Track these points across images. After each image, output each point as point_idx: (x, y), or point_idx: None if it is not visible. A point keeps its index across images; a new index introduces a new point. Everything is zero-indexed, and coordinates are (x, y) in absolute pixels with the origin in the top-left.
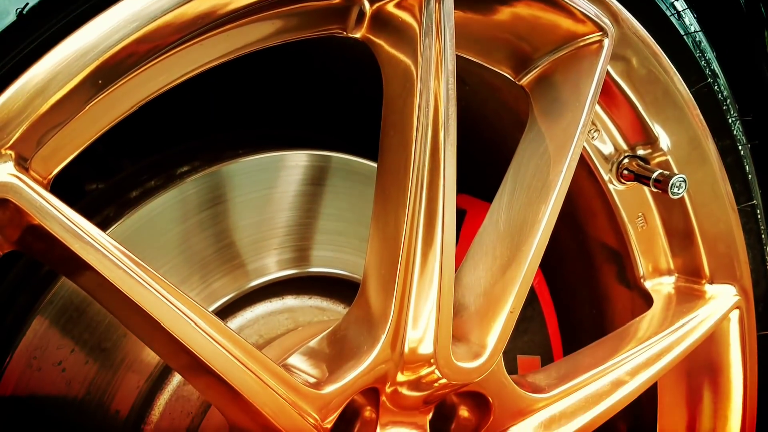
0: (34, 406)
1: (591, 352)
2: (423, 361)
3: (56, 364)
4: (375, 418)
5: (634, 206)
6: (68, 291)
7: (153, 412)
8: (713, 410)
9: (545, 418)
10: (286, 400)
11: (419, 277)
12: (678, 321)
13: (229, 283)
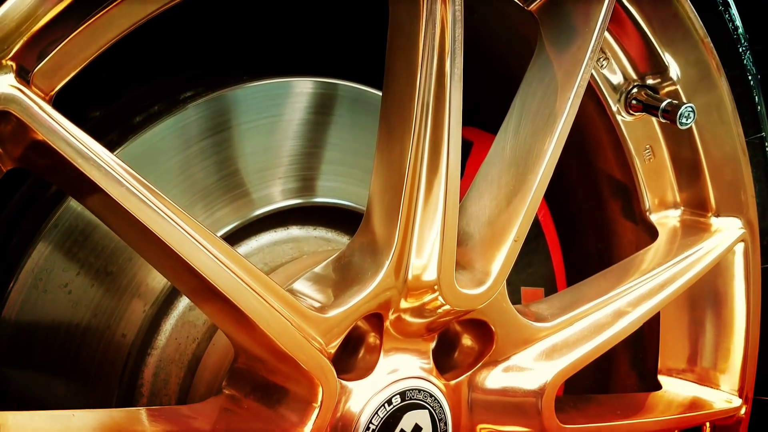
0: (40, 329)
1: (595, 283)
2: (426, 287)
3: (62, 286)
4: (379, 345)
5: (641, 138)
6: (73, 214)
7: (159, 337)
8: (715, 343)
9: (547, 347)
10: (292, 323)
11: (423, 204)
12: (682, 253)
13: (234, 212)
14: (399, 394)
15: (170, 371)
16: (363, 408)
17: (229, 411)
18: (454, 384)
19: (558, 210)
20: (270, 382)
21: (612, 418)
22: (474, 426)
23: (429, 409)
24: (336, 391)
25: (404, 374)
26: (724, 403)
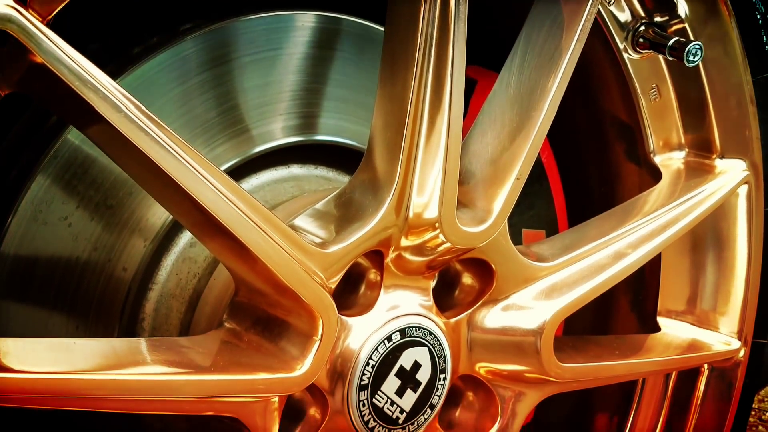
0: (40, 262)
1: (597, 224)
2: (427, 225)
3: (62, 219)
4: (379, 281)
5: (647, 77)
6: (72, 147)
7: (159, 272)
8: (715, 286)
9: (547, 286)
10: (293, 258)
11: (425, 141)
12: (685, 195)
13: (233, 148)
14: (399, 330)
15: (171, 306)
16: (363, 344)
17: (230, 344)
18: (454, 322)
19: (561, 152)
20: (271, 315)
21: (610, 358)
22: (473, 364)
23: (428, 347)
24: (336, 325)
25: (404, 311)
26: (722, 345)
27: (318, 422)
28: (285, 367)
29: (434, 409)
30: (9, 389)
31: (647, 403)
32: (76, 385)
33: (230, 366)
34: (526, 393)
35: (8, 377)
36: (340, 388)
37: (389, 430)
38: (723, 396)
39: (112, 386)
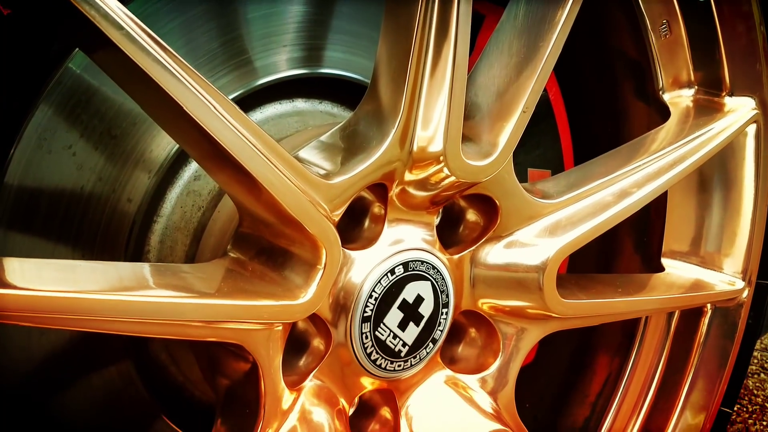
0: (45, 191)
1: (603, 162)
2: (432, 159)
3: (66, 147)
4: (383, 215)
5: (658, 12)
6: (75, 75)
7: (164, 205)
8: (721, 226)
9: (551, 223)
10: (298, 188)
11: (431, 72)
12: (693, 133)
13: (237, 80)
14: (402, 264)
15: (176, 238)
16: (366, 277)
17: (234, 272)
18: (457, 258)
19: (569, 90)
20: (275, 245)
21: (613, 296)
22: (475, 301)
23: (431, 281)
24: (339, 255)
25: (408, 246)
26: (726, 285)
27: (322, 353)
28: (289, 295)
29: (436, 344)
30: (10, 306)
31: (649, 344)
32: (79, 304)
33: (235, 292)
34: (528, 329)
35: (10, 293)
36: (343, 320)
37: (391, 363)
38: (725, 336)
39: (117, 307)
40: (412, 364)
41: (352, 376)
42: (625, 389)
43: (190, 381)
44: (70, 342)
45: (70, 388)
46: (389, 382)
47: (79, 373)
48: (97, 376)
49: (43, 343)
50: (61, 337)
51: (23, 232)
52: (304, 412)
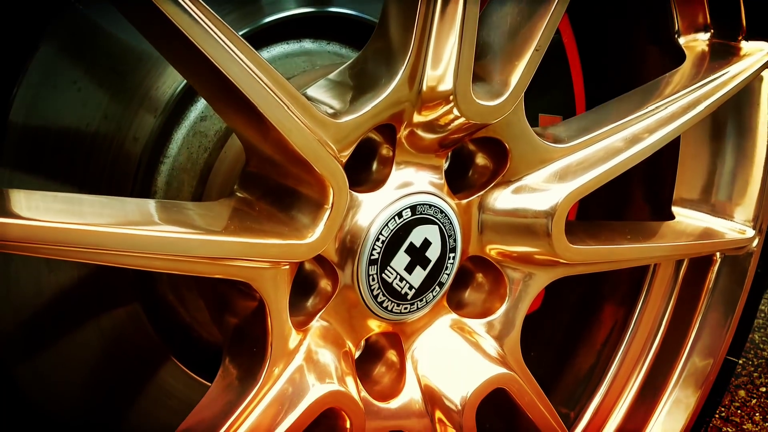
0: (50, 127)
1: (616, 106)
2: (441, 99)
3: (72, 83)
4: (391, 157)
5: None
6: (81, 11)
7: (170, 146)
8: (733, 174)
9: (561, 168)
10: (307, 127)
11: (441, 8)
12: (708, 77)
13: (243, 18)
14: (410, 207)
15: (182, 180)
16: (373, 220)
17: (241, 211)
18: (465, 203)
19: (582, 33)
20: (282, 185)
21: (621, 242)
22: (483, 246)
23: (439, 225)
24: (346, 195)
25: (416, 189)
26: (736, 233)
27: (328, 295)
28: (296, 235)
29: (443, 288)
30: (17, 236)
31: (656, 293)
32: (85, 236)
33: (242, 230)
34: (535, 275)
35: (16, 223)
36: (350, 262)
37: (398, 305)
38: (733, 286)
39: (124, 240)
40: (418, 307)
41: (358, 318)
42: (631, 337)
43: (198, 322)
44: (79, 282)
45: (79, 328)
46: (395, 325)
47: (88, 314)
48: (106, 318)
49: (52, 282)
50: (69, 277)
51: (28, 171)
52: (311, 353)
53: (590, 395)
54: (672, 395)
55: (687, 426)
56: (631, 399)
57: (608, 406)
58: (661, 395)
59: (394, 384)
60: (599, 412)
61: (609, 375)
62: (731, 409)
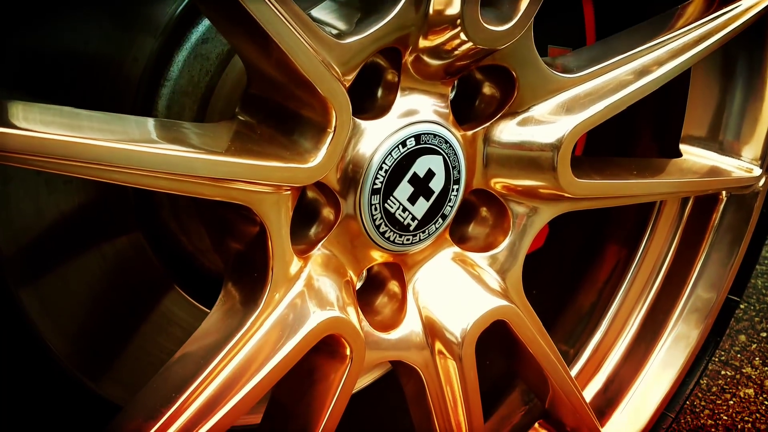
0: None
1: (626, 36)
2: (448, 23)
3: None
4: (396, 83)
5: None
6: None
7: (171, 69)
8: (742, 112)
9: (568, 99)
10: (311, 47)
11: None
12: (722, 9)
13: None
14: (414, 137)
15: (184, 104)
16: (377, 148)
17: (243, 134)
18: (471, 135)
19: None
20: (284, 108)
21: (627, 178)
22: (488, 179)
23: (443, 155)
24: (349, 118)
25: (421, 118)
26: (743, 172)
27: (331, 223)
28: (298, 159)
29: (446, 220)
30: (16, 147)
31: (661, 232)
32: (86, 150)
33: (244, 152)
34: (539, 209)
35: (13, 133)
36: (352, 191)
37: (400, 236)
38: (739, 225)
39: (123, 156)
40: (420, 239)
41: (360, 249)
42: (633, 276)
43: (200, 251)
44: (79, 208)
45: (81, 254)
46: (397, 257)
47: (90, 240)
48: (108, 245)
49: (52, 205)
50: (69, 201)
51: (27, 93)
52: (312, 280)
53: (590, 333)
54: (674, 331)
55: (687, 363)
56: (631, 337)
57: (608, 344)
58: (662, 331)
59: (395, 315)
60: (599, 350)
61: (609, 313)
62: (731, 353)
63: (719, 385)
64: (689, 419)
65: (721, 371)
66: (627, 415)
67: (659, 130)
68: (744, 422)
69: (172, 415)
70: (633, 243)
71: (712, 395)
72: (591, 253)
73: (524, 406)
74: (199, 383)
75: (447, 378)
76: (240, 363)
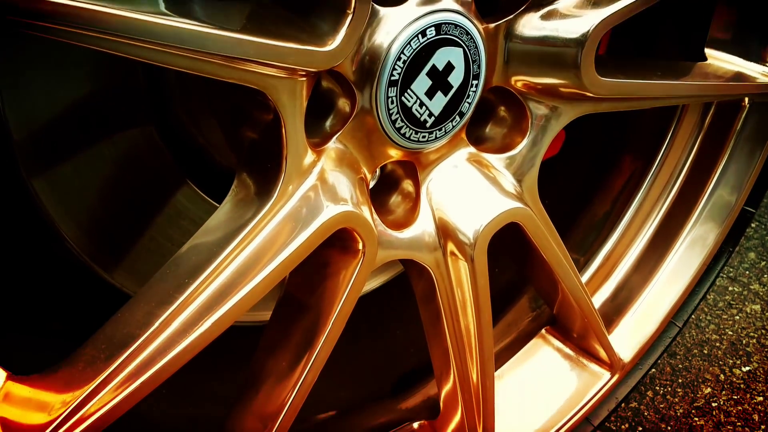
0: None
1: None
2: None
3: None
4: None
5: None
6: None
7: None
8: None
9: None
10: None
11: None
12: None
13: None
14: (434, 26)
15: None
16: (395, 37)
17: (260, 14)
18: (493, 28)
19: None
20: None
21: (651, 78)
22: (508, 77)
23: (464, 48)
24: (368, 1)
25: (442, 6)
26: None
27: (346, 116)
28: (316, 42)
29: (463, 118)
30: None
31: (680, 140)
32: (95, 17)
33: (260, 32)
34: (559, 109)
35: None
36: (369, 83)
37: (416, 133)
38: (759, 135)
39: (135, 26)
40: (436, 137)
41: (375, 145)
42: (649, 186)
43: (212, 145)
44: (92, 96)
45: (93, 143)
46: (412, 155)
47: (102, 130)
48: (120, 138)
49: (64, 95)
50: (83, 89)
51: None
52: (326, 174)
53: (602, 242)
54: (690, 234)
55: (698, 271)
56: (643, 245)
57: (619, 253)
58: (677, 237)
59: (408, 214)
60: (610, 258)
61: (623, 223)
62: (740, 270)
63: (726, 301)
64: (694, 333)
65: (728, 287)
66: (634, 322)
67: (684, 32)
68: (749, 338)
69: (184, 301)
70: (651, 152)
71: (718, 310)
72: (607, 162)
73: (532, 312)
74: (212, 270)
75: (458, 279)
76: (253, 252)
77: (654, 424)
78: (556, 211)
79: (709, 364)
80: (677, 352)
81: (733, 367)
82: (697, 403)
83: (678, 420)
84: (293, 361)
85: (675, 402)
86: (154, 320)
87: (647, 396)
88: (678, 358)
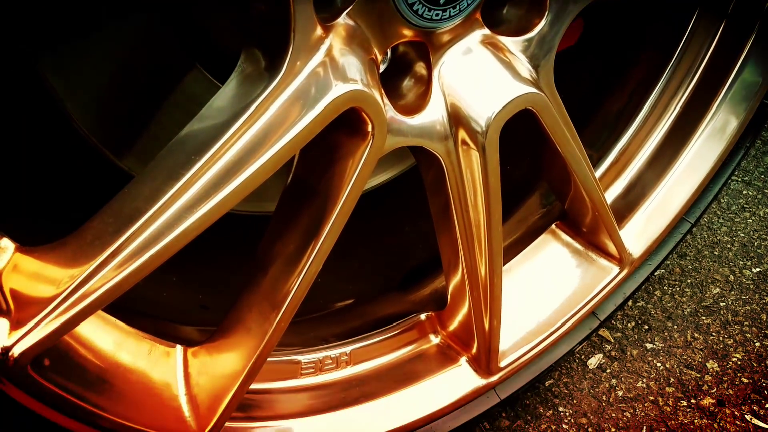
0: None
1: None
2: None
3: None
4: None
5: None
6: None
7: None
8: None
9: None
10: None
11: None
12: None
13: None
14: None
15: None
16: None
17: None
18: None
19: None
20: None
21: None
22: None
23: None
24: None
25: None
26: None
27: None
28: None
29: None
30: None
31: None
32: None
33: None
34: None
35: None
36: None
37: (429, 10)
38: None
39: None
40: (451, 15)
41: (387, 23)
42: (666, 79)
43: (218, 26)
44: None
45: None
46: (424, 35)
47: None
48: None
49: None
50: None
51: None
52: (335, 51)
53: (617, 138)
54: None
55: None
56: (659, 140)
57: (634, 148)
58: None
59: (419, 99)
60: (624, 153)
61: (638, 117)
62: (755, 173)
63: (740, 204)
64: (705, 235)
65: (743, 191)
66: (646, 218)
67: None
68: (761, 240)
69: (192, 177)
70: (671, 45)
71: (731, 213)
72: (624, 56)
73: (542, 208)
74: (220, 146)
75: (469, 168)
76: (261, 129)
77: (660, 323)
78: (569, 105)
79: (719, 265)
80: (687, 253)
81: (743, 268)
82: (705, 303)
83: (685, 318)
84: (300, 246)
85: (683, 302)
86: (161, 195)
87: (655, 296)
88: (688, 259)
